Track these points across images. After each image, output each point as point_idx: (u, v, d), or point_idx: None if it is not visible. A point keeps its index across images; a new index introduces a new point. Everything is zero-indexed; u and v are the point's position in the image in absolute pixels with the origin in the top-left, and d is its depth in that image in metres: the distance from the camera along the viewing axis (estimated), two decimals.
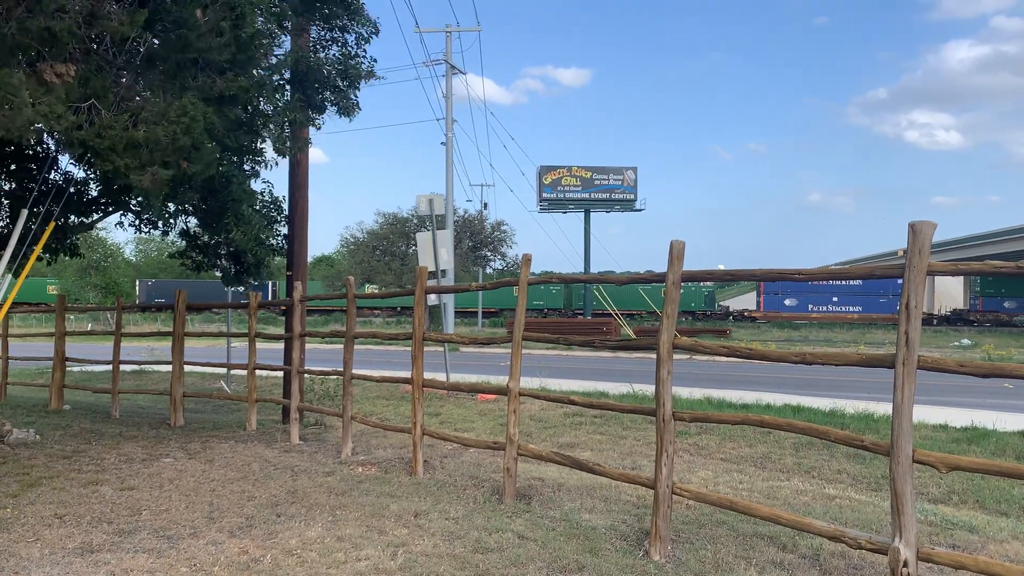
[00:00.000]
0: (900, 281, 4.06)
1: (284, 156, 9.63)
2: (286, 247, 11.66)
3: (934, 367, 4.19)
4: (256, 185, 10.95)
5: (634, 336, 35.26)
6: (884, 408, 11.90)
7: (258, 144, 9.25)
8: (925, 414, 11.74)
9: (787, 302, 55.07)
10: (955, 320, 53.44)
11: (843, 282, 49.87)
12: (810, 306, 54.61)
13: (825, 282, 50.17)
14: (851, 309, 53.77)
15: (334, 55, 10.24)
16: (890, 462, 4.16)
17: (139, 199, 10.59)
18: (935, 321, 51.70)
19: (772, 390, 16.34)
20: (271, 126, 8.80)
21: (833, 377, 20.08)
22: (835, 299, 54.74)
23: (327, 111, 10.00)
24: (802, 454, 9.89)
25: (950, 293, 59.47)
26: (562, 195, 57.81)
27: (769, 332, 46.19)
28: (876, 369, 4.52)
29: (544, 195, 57.74)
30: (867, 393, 15.22)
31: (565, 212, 59.75)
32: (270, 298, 54.49)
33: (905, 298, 4.11)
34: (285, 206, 11.68)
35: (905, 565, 4.02)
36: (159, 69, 7.16)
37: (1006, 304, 55.10)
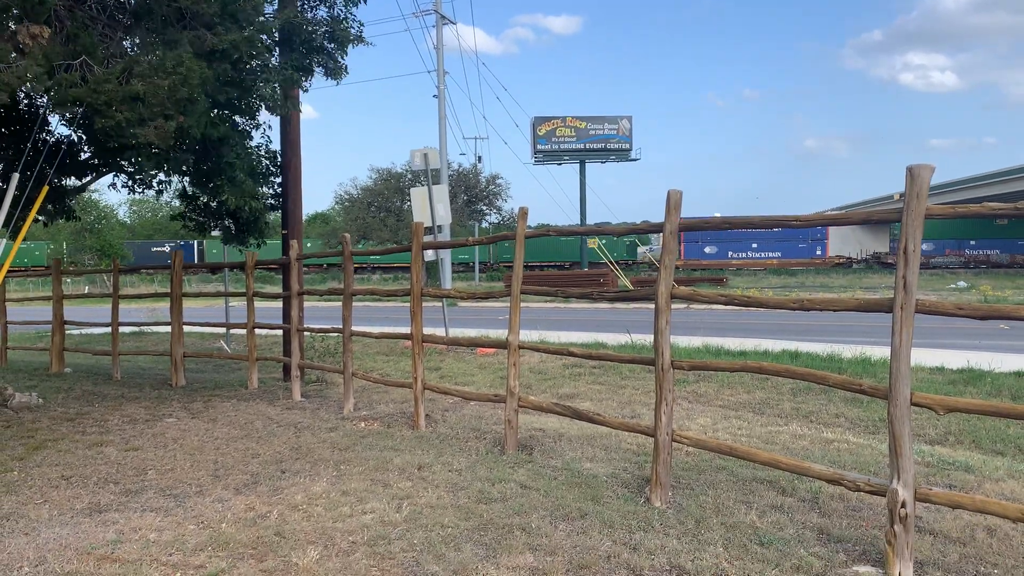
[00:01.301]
0: (822, 229, 4.06)
1: (276, 114, 9.52)
2: (281, 203, 11.59)
3: (932, 311, 4.20)
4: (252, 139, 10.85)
5: (631, 287, 35.32)
6: (881, 352, 11.99)
7: (251, 101, 9.13)
8: (921, 357, 11.81)
9: (707, 249, 55.02)
10: (873, 264, 54.05)
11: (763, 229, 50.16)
12: (730, 253, 54.57)
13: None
14: (771, 255, 53.78)
15: (322, 16, 10.08)
16: (888, 405, 4.19)
17: (133, 160, 10.49)
18: (852, 265, 52.15)
19: (770, 336, 16.41)
20: (262, 84, 8.69)
21: (830, 322, 20.19)
22: (755, 245, 54.61)
23: (315, 73, 9.87)
24: (800, 399, 9.98)
25: (877, 236, 59.87)
26: (557, 146, 57.31)
27: (766, 279, 46.29)
28: (873, 313, 4.54)
29: (539, 147, 57.25)
30: (864, 337, 15.30)
31: (560, 164, 59.30)
32: (195, 259, 54.68)
33: (903, 242, 4.11)
34: (279, 160, 11.57)
35: (903, 506, 4.08)
36: (146, 24, 7.06)
37: (922, 247, 55.39)
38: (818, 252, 53.63)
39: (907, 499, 4.08)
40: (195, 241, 57.08)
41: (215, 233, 12.08)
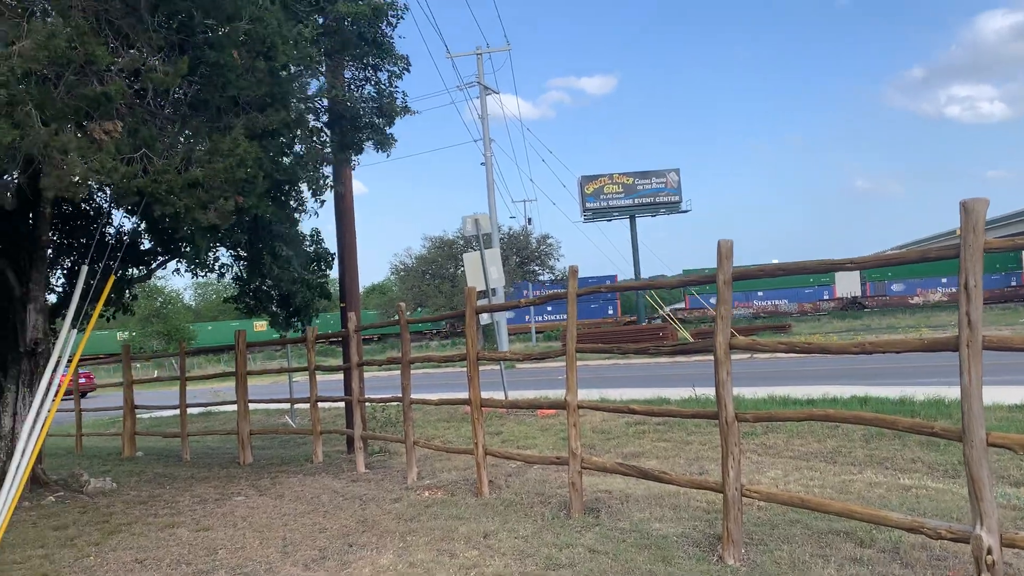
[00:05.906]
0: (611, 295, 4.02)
1: (318, 196, 9.76)
2: (338, 283, 11.84)
3: (1000, 346, 4.06)
4: (304, 229, 11.16)
5: (691, 339, 34.88)
6: (955, 392, 11.56)
7: (297, 183, 9.41)
8: (999, 395, 11.35)
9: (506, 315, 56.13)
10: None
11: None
12: (527, 317, 55.11)
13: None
14: (560, 317, 53.36)
15: (369, 93, 10.42)
16: (964, 447, 4.04)
17: (189, 246, 10.85)
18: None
19: (838, 382, 15.99)
20: (308, 166, 8.96)
21: (901, 365, 19.57)
22: (549, 309, 55.26)
23: (364, 149, 10.15)
24: (873, 445, 9.65)
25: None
26: (605, 203, 57.60)
27: (830, 324, 45.29)
28: (943, 353, 4.41)
29: (587, 205, 57.60)
30: (938, 378, 14.79)
31: (610, 220, 59.53)
32: None
33: (963, 278, 4.01)
34: (331, 245, 11.83)
35: (989, 552, 3.90)
36: (202, 113, 7.39)
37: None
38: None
39: (993, 545, 3.90)
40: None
41: (264, 319, 12.27)
